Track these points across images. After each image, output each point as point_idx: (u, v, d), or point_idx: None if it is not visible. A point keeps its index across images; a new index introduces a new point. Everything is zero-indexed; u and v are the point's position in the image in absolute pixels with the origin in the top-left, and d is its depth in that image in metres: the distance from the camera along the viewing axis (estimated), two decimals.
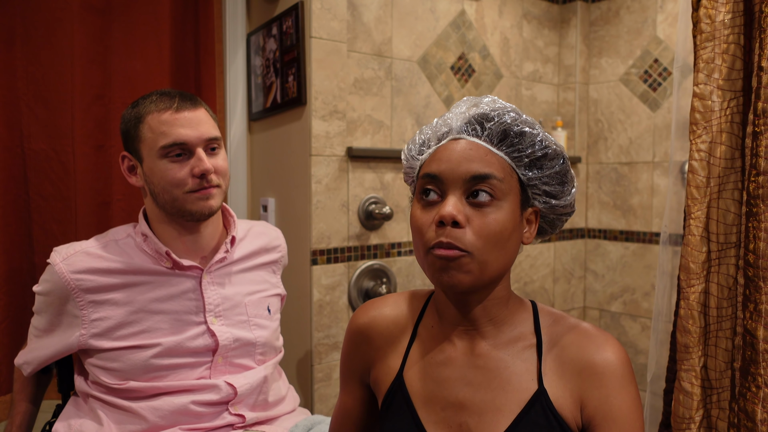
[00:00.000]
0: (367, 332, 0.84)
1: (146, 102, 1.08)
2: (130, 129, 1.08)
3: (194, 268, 1.11)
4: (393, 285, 1.85)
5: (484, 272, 0.69)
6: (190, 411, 1.05)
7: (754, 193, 1.00)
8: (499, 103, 0.75)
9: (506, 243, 0.69)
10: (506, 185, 0.69)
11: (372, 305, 0.87)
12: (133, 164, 1.11)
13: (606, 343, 0.75)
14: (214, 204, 1.09)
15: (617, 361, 0.73)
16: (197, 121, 1.07)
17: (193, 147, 1.06)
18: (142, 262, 1.08)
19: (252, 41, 1.89)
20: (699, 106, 1.11)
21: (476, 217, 0.68)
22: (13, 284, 1.49)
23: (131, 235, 1.12)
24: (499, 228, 0.68)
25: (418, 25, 1.95)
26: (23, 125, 1.51)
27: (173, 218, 1.10)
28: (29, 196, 1.53)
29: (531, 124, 0.73)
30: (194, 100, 1.10)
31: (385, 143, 1.88)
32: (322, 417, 1.18)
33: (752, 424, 1.00)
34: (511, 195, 0.70)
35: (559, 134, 2.33)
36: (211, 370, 1.10)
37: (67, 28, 1.53)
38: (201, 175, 1.05)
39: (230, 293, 1.15)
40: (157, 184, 1.07)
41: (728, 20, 1.09)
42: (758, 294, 1.00)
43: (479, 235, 0.67)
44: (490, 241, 0.67)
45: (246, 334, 1.14)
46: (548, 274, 2.40)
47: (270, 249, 1.27)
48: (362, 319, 0.85)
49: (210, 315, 1.11)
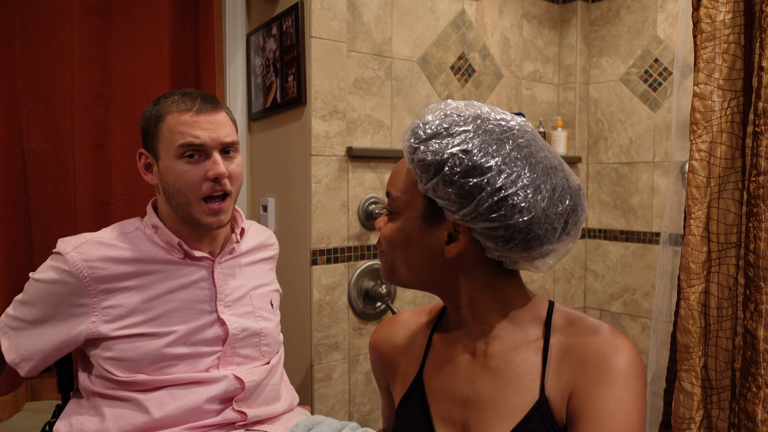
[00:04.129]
0: (380, 350, 0.92)
1: (168, 101, 1.08)
2: (150, 127, 1.09)
3: (205, 258, 1.13)
4: (393, 285, 1.85)
5: (392, 272, 0.79)
6: (196, 405, 1.05)
7: (755, 193, 1.00)
8: (428, 116, 0.75)
9: (405, 250, 0.76)
10: (403, 200, 0.76)
11: (385, 324, 0.95)
12: (150, 162, 1.11)
13: (616, 343, 0.71)
14: (225, 219, 1.11)
15: (621, 361, 0.70)
16: (216, 124, 1.07)
17: (210, 150, 1.06)
18: (154, 253, 1.09)
19: (252, 41, 1.89)
20: (699, 106, 1.11)
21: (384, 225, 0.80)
22: (12, 284, 1.49)
23: (140, 228, 1.13)
24: (390, 235, 0.77)
25: (418, 24, 1.95)
26: (23, 125, 1.51)
27: (185, 222, 1.11)
28: (29, 196, 1.53)
29: (442, 134, 0.71)
30: (216, 102, 1.10)
31: (385, 143, 1.88)
32: (322, 417, 1.18)
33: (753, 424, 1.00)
34: (409, 209, 0.75)
35: (559, 134, 2.33)
36: (220, 360, 1.11)
37: (67, 28, 1.53)
38: (215, 179, 1.06)
39: (238, 284, 1.17)
40: (172, 185, 1.07)
41: (729, 20, 1.09)
42: (759, 294, 1.00)
43: (382, 236, 0.79)
44: (386, 243, 0.78)
45: (252, 325, 1.16)
46: (548, 274, 2.39)
47: (267, 246, 1.30)
48: (375, 338, 0.94)
49: (221, 305, 1.13)
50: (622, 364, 0.70)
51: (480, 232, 0.71)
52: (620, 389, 0.68)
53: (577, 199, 0.73)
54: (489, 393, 0.75)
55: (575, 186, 0.74)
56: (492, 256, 0.73)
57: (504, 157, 0.69)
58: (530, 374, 0.74)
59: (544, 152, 0.73)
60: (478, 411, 0.75)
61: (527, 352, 0.76)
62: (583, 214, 0.75)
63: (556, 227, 0.71)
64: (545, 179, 0.70)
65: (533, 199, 0.69)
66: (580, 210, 0.74)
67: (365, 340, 1.80)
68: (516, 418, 0.73)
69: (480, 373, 0.77)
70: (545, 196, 0.69)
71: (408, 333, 0.90)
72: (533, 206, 0.69)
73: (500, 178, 0.68)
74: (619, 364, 0.70)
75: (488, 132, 0.70)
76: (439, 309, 0.90)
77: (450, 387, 0.79)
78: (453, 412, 0.78)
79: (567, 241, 0.75)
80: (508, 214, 0.68)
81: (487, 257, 0.74)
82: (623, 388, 0.68)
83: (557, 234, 0.72)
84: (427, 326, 0.88)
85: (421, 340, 0.87)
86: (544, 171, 0.70)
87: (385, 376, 0.92)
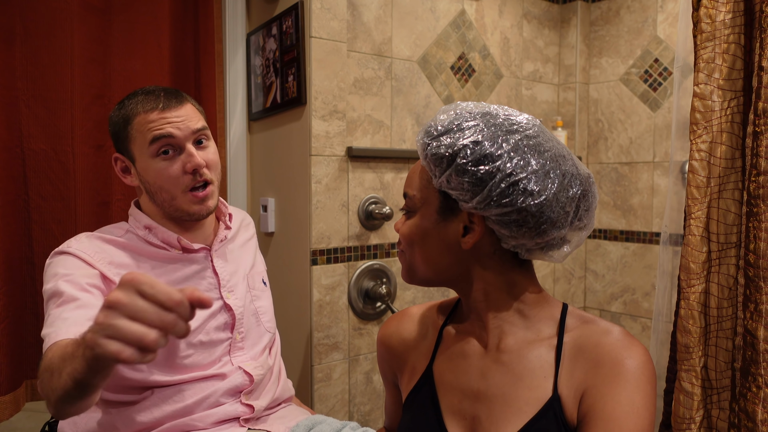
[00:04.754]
0: (388, 344, 0.93)
1: (132, 103, 1.09)
2: (119, 131, 1.10)
3: (202, 249, 1.15)
4: (393, 285, 1.85)
5: (411, 271, 0.81)
6: (205, 400, 1.06)
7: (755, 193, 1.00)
8: (443, 116, 0.77)
9: (423, 246, 0.78)
10: (419, 198, 0.78)
11: (394, 318, 0.95)
12: (126, 165, 1.13)
13: (629, 345, 0.72)
14: (212, 204, 1.12)
15: (634, 363, 0.70)
16: (183, 117, 1.08)
17: (182, 143, 1.07)
18: (153, 253, 1.11)
19: (252, 41, 1.89)
20: (699, 106, 1.11)
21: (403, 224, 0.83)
22: (12, 284, 1.49)
23: (130, 231, 1.13)
24: (408, 232, 0.79)
25: (418, 24, 1.95)
26: (23, 125, 1.51)
27: (172, 216, 1.12)
28: (29, 196, 1.53)
29: (453, 130, 0.73)
30: (179, 96, 1.11)
31: (385, 143, 1.88)
32: (322, 417, 1.18)
33: (753, 424, 1.00)
34: (425, 206, 0.78)
35: (560, 134, 2.32)
36: (231, 347, 1.13)
37: (67, 28, 1.53)
38: (193, 170, 1.07)
39: (233, 268, 1.20)
40: (153, 183, 1.08)
41: (729, 20, 1.09)
42: (759, 294, 1.00)
43: (401, 235, 0.81)
44: (405, 241, 0.80)
45: (250, 305, 1.20)
46: (548, 274, 2.39)
47: (246, 225, 1.33)
48: (384, 332, 0.95)
49: (225, 290, 1.15)
50: (634, 366, 0.70)
51: (494, 220, 0.73)
52: (632, 391, 0.69)
53: (587, 186, 0.75)
54: (500, 387, 0.76)
55: (585, 173, 0.76)
56: (507, 245, 0.75)
57: (513, 146, 0.71)
58: (543, 371, 0.75)
59: (552, 143, 0.75)
60: (489, 405, 0.75)
61: (540, 349, 0.76)
62: (594, 201, 0.77)
63: (568, 211, 0.73)
64: (554, 165, 0.72)
65: (543, 183, 0.71)
66: (591, 196, 0.76)
67: (365, 340, 1.80)
68: (528, 413, 0.73)
69: (492, 367, 0.77)
70: (555, 180, 0.72)
71: (417, 327, 0.91)
72: (543, 190, 0.71)
73: (510, 165, 0.70)
74: (632, 366, 0.70)
75: (497, 126, 0.73)
76: (450, 304, 0.91)
77: (461, 380, 0.80)
78: (463, 405, 0.78)
79: (581, 230, 0.77)
80: (520, 198, 0.70)
81: (502, 248, 0.76)
82: (635, 389, 0.69)
83: (569, 218, 0.74)
84: (438, 320, 0.89)
85: (432, 333, 0.88)
86: (552, 158, 0.73)
87: (393, 370, 0.93)
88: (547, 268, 2.38)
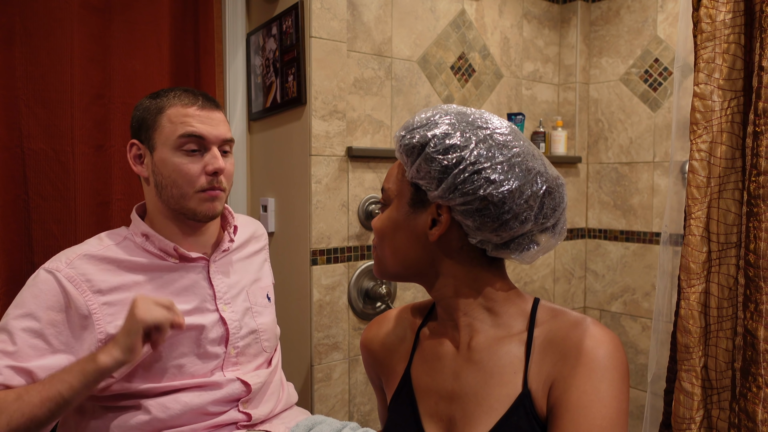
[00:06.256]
0: (370, 348, 0.93)
1: (170, 95, 1.10)
2: (147, 117, 1.09)
3: (200, 259, 1.13)
4: (393, 285, 1.85)
5: (381, 264, 0.82)
6: (201, 407, 1.05)
7: (755, 193, 1.00)
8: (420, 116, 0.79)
9: (393, 239, 0.79)
10: (393, 191, 0.80)
11: (373, 323, 0.96)
12: (142, 153, 1.11)
13: (597, 335, 0.71)
14: (219, 207, 1.11)
15: (600, 352, 0.69)
16: (217, 121, 1.10)
17: (210, 144, 1.08)
18: (148, 261, 1.08)
19: (252, 41, 1.89)
20: (699, 106, 1.11)
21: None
22: (12, 285, 1.49)
23: (128, 237, 1.11)
24: (380, 225, 0.81)
25: (418, 24, 1.95)
26: (22, 125, 1.51)
27: (176, 215, 1.10)
28: (29, 195, 1.53)
29: (426, 126, 0.75)
30: (215, 102, 1.13)
31: (385, 143, 1.88)
32: (322, 417, 1.18)
33: (753, 424, 1.00)
34: (398, 198, 0.79)
35: (560, 134, 2.32)
36: (224, 362, 1.11)
37: (67, 28, 1.52)
38: (213, 173, 1.07)
39: (234, 281, 1.17)
40: (167, 177, 1.07)
41: (729, 20, 1.09)
42: (759, 294, 1.00)
43: (373, 228, 0.83)
44: (377, 234, 0.82)
45: (250, 322, 1.17)
46: (548, 274, 2.39)
47: (257, 237, 1.31)
48: (365, 336, 0.95)
49: (221, 302, 1.13)
50: (600, 355, 0.70)
51: (459, 210, 0.73)
52: (598, 380, 0.69)
53: (554, 185, 0.75)
54: (473, 386, 0.76)
55: (554, 174, 0.77)
56: (474, 239, 0.75)
57: (481, 139, 0.73)
58: (513, 367, 0.75)
59: (523, 144, 0.75)
60: (463, 405, 0.76)
61: (510, 345, 0.76)
62: (562, 203, 0.77)
63: (531, 205, 0.73)
64: (520, 161, 0.73)
65: (506, 175, 0.72)
66: (557, 196, 0.76)
67: None
68: (499, 411, 0.73)
69: (464, 366, 0.78)
70: (519, 174, 0.72)
71: (397, 330, 0.91)
72: (506, 180, 0.72)
73: (475, 154, 0.72)
74: (598, 355, 0.70)
75: (468, 123, 0.75)
76: (427, 305, 0.90)
77: (436, 382, 0.80)
78: (440, 407, 0.78)
79: (549, 233, 0.77)
80: (482, 187, 0.71)
81: (470, 244, 0.76)
82: (601, 378, 0.69)
83: (533, 213, 0.73)
84: (415, 322, 0.89)
85: (410, 336, 0.88)
86: (520, 155, 0.73)
87: (377, 374, 0.93)
88: (547, 268, 2.38)
